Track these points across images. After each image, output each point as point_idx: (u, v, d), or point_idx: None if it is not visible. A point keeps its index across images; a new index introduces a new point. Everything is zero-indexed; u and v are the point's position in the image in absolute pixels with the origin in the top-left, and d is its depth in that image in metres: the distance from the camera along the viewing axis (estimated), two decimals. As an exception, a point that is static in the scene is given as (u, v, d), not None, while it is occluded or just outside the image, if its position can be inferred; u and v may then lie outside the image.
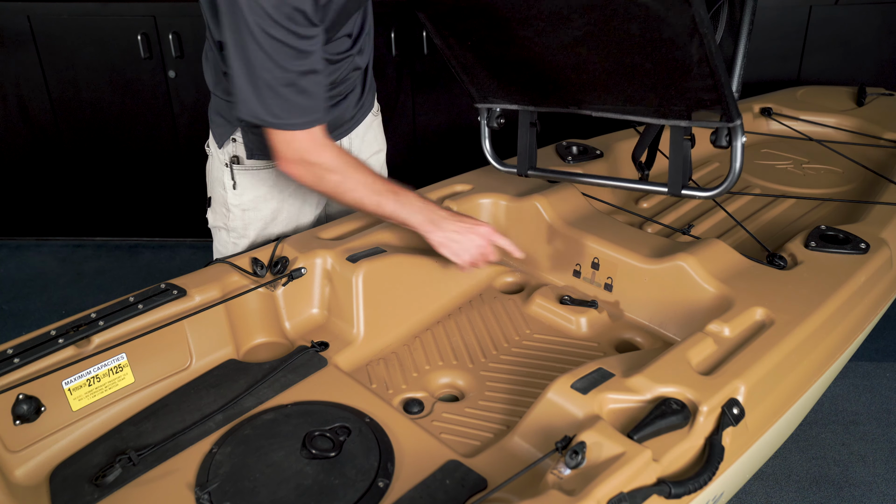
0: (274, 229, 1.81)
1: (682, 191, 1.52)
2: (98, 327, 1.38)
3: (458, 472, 1.22)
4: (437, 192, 1.90)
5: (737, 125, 1.36)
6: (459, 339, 1.62)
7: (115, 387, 1.38)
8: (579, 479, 1.07)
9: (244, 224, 1.79)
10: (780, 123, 2.46)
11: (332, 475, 1.22)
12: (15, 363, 1.29)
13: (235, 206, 1.78)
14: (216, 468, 1.24)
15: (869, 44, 3.10)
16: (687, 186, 1.53)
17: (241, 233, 1.80)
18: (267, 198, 1.77)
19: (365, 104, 1.87)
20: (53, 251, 3.55)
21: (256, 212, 1.78)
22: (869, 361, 2.62)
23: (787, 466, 2.22)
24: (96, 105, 3.28)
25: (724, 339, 1.37)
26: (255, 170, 1.74)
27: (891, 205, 1.84)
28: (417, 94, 3.22)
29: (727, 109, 1.33)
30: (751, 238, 1.80)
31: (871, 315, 1.63)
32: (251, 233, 1.80)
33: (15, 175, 3.45)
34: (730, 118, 1.34)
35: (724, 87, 1.29)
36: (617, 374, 1.27)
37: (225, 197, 1.78)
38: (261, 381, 1.44)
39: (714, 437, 1.20)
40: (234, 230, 1.81)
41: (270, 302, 1.58)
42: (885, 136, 2.33)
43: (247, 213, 1.78)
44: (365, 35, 1.73)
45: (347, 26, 1.62)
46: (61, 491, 1.23)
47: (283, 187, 1.78)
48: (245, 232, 1.80)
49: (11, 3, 3.09)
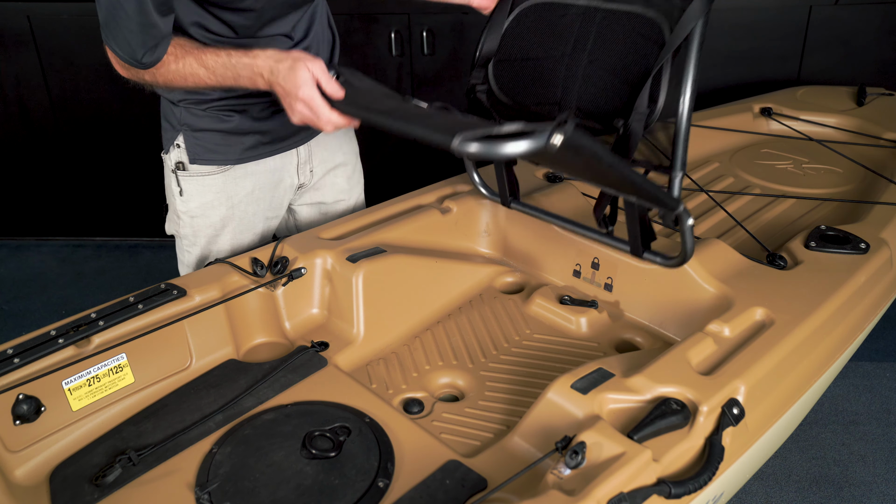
0: (225, 237, 1.77)
1: (643, 254, 1.55)
2: (98, 327, 1.38)
3: (458, 472, 1.22)
4: (438, 192, 1.90)
5: (679, 212, 1.37)
6: (459, 339, 1.62)
7: (115, 387, 1.38)
8: (579, 479, 1.07)
9: (193, 231, 1.76)
10: (780, 123, 2.46)
11: (332, 475, 1.22)
12: (15, 363, 1.29)
13: (184, 214, 1.75)
14: (216, 468, 1.24)
15: (869, 44, 3.10)
16: (649, 250, 1.55)
17: (191, 240, 1.78)
18: (214, 204, 1.74)
19: None
20: (53, 251, 3.55)
21: (204, 219, 1.75)
22: (869, 361, 2.62)
23: (787, 466, 2.22)
24: (96, 105, 3.28)
25: (724, 339, 1.37)
26: (200, 176, 1.71)
27: (891, 205, 1.84)
28: (417, 94, 3.22)
29: (664, 202, 1.35)
30: (751, 238, 1.80)
31: (871, 315, 1.63)
32: (201, 240, 1.77)
33: (15, 175, 3.45)
34: (671, 208, 1.36)
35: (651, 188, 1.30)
36: (617, 374, 1.27)
37: (174, 204, 1.76)
38: (261, 381, 1.44)
39: (714, 437, 1.20)
40: (185, 237, 1.78)
41: (270, 302, 1.58)
42: (885, 136, 2.33)
43: (195, 221, 1.75)
44: (311, 42, 1.70)
45: (284, 25, 1.59)
46: (61, 491, 1.23)
47: (231, 193, 1.74)
48: (195, 240, 1.77)
49: (11, 3, 3.09)
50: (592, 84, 1.51)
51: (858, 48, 3.10)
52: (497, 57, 1.69)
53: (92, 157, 3.40)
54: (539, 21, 1.63)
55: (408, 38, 3.11)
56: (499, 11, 1.69)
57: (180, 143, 1.69)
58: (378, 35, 3.11)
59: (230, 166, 1.72)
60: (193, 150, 1.68)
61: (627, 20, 1.47)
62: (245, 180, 1.75)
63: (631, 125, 1.37)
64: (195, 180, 1.72)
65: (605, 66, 1.49)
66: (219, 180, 1.72)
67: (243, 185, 1.75)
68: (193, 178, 1.71)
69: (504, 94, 1.67)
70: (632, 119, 1.38)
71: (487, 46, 1.69)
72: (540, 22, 1.63)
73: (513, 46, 1.67)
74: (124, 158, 3.40)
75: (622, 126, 1.38)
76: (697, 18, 1.34)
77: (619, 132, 1.38)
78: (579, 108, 1.53)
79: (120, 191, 3.48)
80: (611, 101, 1.47)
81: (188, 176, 1.71)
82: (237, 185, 1.74)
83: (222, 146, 1.69)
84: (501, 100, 1.67)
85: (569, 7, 1.58)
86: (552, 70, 1.58)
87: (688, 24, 1.35)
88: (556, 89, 1.58)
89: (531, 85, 1.63)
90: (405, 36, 3.10)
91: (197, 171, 1.71)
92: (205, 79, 1.49)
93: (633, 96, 1.42)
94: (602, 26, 1.51)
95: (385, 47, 3.11)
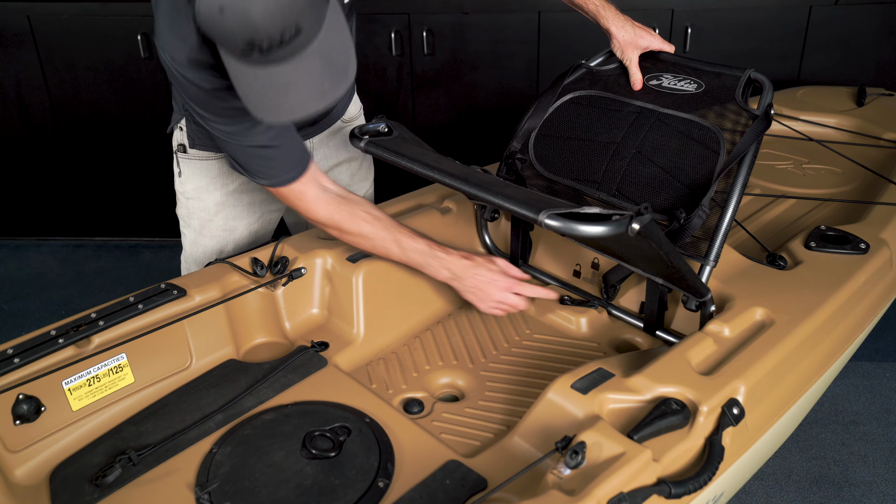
0: (217, 222, 1.79)
1: (656, 332, 1.58)
2: (98, 327, 1.38)
3: (458, 472, 1.22)
4: (438, 192, 1.90)
5: (706, 299, 1.43)
6: (459, 339, 1.62)
7: (115, 387, 1.38)
8: (579, 479, 1.07)
9: (188, 213, 1.80)
10: (780, 123, 2.46)
11: (332, 475, 1.22)
12: (15, 363, 1.29)
13: (181, 194, 1.80)
14: (216, 468, 1.24)
15: (869, 44, 3.09)
16: (662, 328, 1.58)
17: (186, 221, 1.82)
18: (209, 189, 1.76)
19: (333, 111, 1.82)
20: (53, 251, 3.54)
21: (198, 202, 1.77)
22: (869, 361, 2.62)
23: (787, 466, 2.22)
24: (96, 105, 3.28)
25: (724, 339, 1.37)
26: (199, 160, 1.73)
27: (891, 205, 1.84)
28: (417, 94, 3.22)
29: (698, 290, 1.41)
30: (751, 238, 1.80)
31: (871, 315, 1.63)
32: (194, 222, 1.80)
33: (15, 175, 3.45)
34: (701, 295, 1.43)
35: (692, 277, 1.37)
36: (617, 374, 1.27)
37: (176, 184, 1.80)
38: (261, 381, 1.44)
39: (714, 437, 1.20)
40: (182, 218, 1.83)
41: (270, 302, 1.58)
42: (885, 137, 2.33)
43: (190, 202, 1.78)
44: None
45: None
46: (61, 491, 1.23)
47: (227, 180, 1.76)
48: (189, 221, 1.81)
49: (11, 3, 3.09)
50: (636, 172, 1.60)
51: (858, 48, 3.10)
52: (540, 131, 1.76)
53: (92, 156, 3.40)
54: (592, 109, 1.72)
55: (408, 38, 3.11)
56: (548, 94, 1.77)
57: (182, 126, 1.71)
58: (378, 35, 3.11)
59: None
60: (193, 134, 1.70)
61: (683, 125, 1.60)
62: None
63: (692, 219, 1.46)
64: (193, 163, 1.74)
65: (654, 159, 1.59)
66: (215, 165, 1.73)
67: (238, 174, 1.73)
68: (192, 161, 1.73)
69: (541, 165, 1.73)
70: (694, 213, 1.46)
71: (531, 122, 1.77)
72: (592, 110, 1.72)
73: (559, 125, 1.74)
74: (124, 158, 3.40)
75: (683, 218, 1.47)
76: (755, 138, 1.48)
77: (680, 223, 1.47)
78: (618, 191, 1.61)
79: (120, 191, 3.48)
80: (654, 192, 1.57)
81: (187, 159, 1.74)
82: (233, 173, 1.74)
83: None
84: (538, 170, 1.73)
85: (624, 104, 1.68)
86: (597, 153, 1.67)
87: (747, 142, 1.48)
88: (598, 171, 1.65)
89: (572, 161, 1.70)
90: (405, 36, 3.10)
91: (196, 155, 1.72)
92: (395, 256, 1.57)
93: (683, 191, 1.53)
94: (656, 125, 1.62)
95: (385, 47, 3.11)
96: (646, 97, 1.67)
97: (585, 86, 1.75)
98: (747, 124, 1.52)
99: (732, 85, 1.59)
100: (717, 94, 1.60)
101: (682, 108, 1.61)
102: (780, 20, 3.06)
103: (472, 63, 3.14)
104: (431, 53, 3.12)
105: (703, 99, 1.61)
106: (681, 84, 1.65)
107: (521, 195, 1.32)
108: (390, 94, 3.22)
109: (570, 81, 1.77)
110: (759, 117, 1.51)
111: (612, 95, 1.71)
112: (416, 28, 3.08)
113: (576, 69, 1.77)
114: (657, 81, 1.68)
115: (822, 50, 3.10)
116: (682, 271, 1.34)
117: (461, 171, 1.44)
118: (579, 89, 1.75)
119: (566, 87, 1.77)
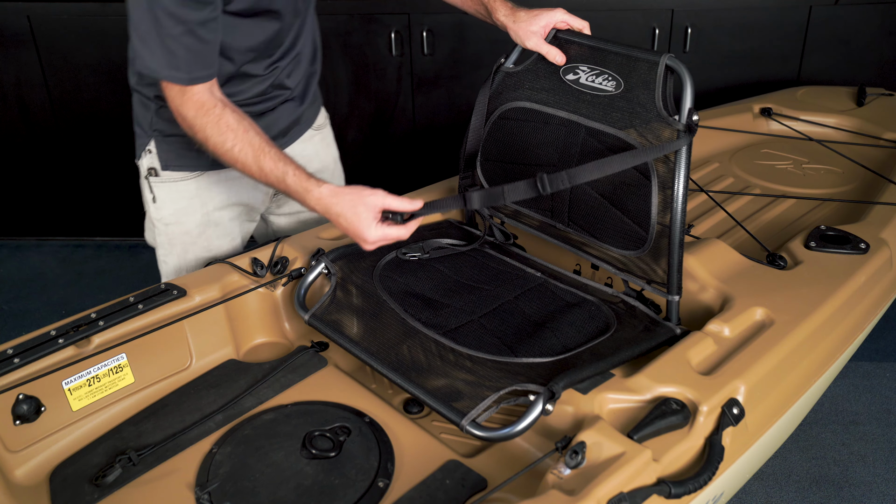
0: (201, 244, 1.72)
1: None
2: (98, 327, 1.38)
3: (458, 472, 1.22)
4: (438, 192, 1.90)
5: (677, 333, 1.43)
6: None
7: (115, 387, 1.38)
8: (579, 479, 1.07)
9: (169, 240, 1.72)
10: (780, 123, 2.46)
11: (332, 475, 1.22)
12: (15, 363, 1.29)
13: (158, 221, 1.70)
14: (216, 468, 1.24)
15: (869, 44, 3.09)
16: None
17: (167, 249, 1.73)
18: (188, 211, 1.68)
19: (302, 120, 1.78)
20: (53, 251, 3.54)
21: (179, 226, 1.70)
22: (869, 361, 2.62)
23: (787, 466, 2.22)
24: (96, 105, 3.28)
25: (724, 338, 1.37)
26: (173, 182, 1.66)
27: (891, 205, 1.84)
28: (417, 94, 3.22)
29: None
30: (751, 238, 1.80)
31: (871, 315, 1.63)
32: (177, 248, 1.72)
33: (15, 175, 3.45)
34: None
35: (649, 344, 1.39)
36: (617, 374, 1.27)
37: (149, 211, 1.71)
38: (261, 381, 1.44)
39: (714, 437, 1.20)
40: (161, 246, 1.74)
41: (270, 302, 1.58)
42: (885, 137, 2.33)
43: (169, 228, 1.70)
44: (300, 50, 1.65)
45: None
46: (61, 491, 1.23)
47: (205, 199, 1.69)
48: (171, 248, 1.72)
49: (11, 3, 3.09)
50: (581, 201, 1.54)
51: (858, 48, 3.10)
52: (483, 156, 1.71)
53: (92, 156, 3.40)
54: (522, 124, 1.63)
55: (408, 38, 3.11)
56: (478, 110, 1.70)
57: (151, 149, 1.64)
58: (378, 35, 3.11)
59: (203, 172, 1.67)
60: (165, 155, 1.63)
61: (610, 139, 1.47)
62: (219, 186, 1.69)
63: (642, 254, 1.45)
64: (168, 186, 1.67)
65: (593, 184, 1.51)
66: (192, 186, 1.67)
67: (217, 191, 1.70)
68: (166, 184, 1.66)
69: None
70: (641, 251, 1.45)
71: (471, 146, 1.72)
72: (524, 125, 1.63)
73: (497, 148, 1.69)
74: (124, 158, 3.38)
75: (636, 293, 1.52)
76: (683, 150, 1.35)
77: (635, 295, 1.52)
78: (571, 221, 1.57)
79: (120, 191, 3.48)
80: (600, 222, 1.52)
81: (161, 182, 1.66)
82: (211, 191, 1.69)
83: (194, 152, 1.57)
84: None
85: (551, 117, 1.58)
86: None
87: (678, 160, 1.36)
88: (547, 199, 1.60)
89: None
90: (405, 36, 3.10)
91: (169, 178, 1.65)
92: (253, 174, 1.42)
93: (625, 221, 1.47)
94: (587, 141, 1.52)
95: (385, 47, 3.11)
96: (567, 102, 1.54)
97: (510, 94, 1.64)
98: (671, 137, 1.37)
99: (650, 79, 1.40)
100: (637, 96, 1.43)
101: (606, 120, 1.47)
102: (780, 20, 3.06)
103: (472, 63, 3.14)
104: (431, 53, 3.12)
105: (624, 104, 1.45)
106: (599, 81, 1.49)
107: (442, 384, 1.29)
108: (390, 95, 3.22)
109: (494, 91, 1.66)
110: (683, 133, 1.35)
111: (538, 107, 1.59)
112: (415, 28, 3.08)
113: (495, 74, 1.67)
114: (574, 76, 1.53)
115: (822, 50, 3.10)
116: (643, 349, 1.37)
117: (396, 360, 1.38)
118: (506, 101, 1.64)
119: (492, 99, 1.67)
